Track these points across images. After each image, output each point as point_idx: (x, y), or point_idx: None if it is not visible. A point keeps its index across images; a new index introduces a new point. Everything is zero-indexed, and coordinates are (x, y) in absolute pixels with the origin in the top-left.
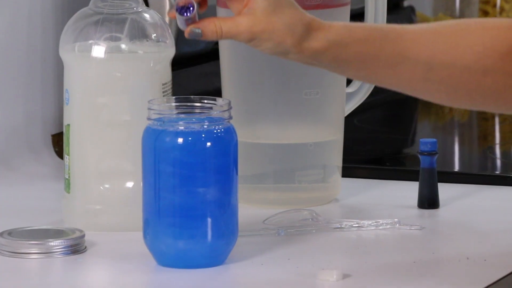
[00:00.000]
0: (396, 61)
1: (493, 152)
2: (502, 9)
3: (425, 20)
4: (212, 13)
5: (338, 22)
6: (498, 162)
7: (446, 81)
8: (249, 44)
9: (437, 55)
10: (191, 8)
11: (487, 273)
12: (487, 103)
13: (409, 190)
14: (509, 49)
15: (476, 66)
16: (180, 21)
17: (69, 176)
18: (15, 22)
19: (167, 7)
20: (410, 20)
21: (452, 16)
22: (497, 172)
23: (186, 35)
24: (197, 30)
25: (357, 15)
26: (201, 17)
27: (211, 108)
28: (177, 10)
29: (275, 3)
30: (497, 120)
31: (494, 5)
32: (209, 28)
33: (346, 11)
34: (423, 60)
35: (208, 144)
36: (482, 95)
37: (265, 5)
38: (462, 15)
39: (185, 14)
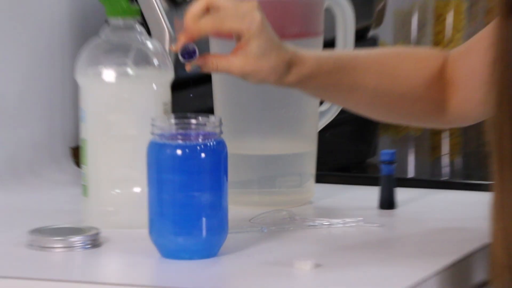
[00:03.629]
0: (350, 89)
1: (442, 162)
2: (451, 40)
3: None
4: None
5: (311, 54)
6: (447, 169)
7: (385, 106)
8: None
9: (382, 85)
10: (194, 53)
11: (436, 261)
12: (412, 122)
13: (371, 194)
14: (432, 77)
15: (409, 94)
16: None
17: (86, 183)
18: (38, 51)
19: (167, 37)
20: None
21: (410, 44)
22: (446, 178)
23: (187, 69)
24: (196, 66)
25: (330, 43)
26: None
27: (205, 124)
28: (182, 55)
29: (264, 49)
30: (445, 134)
31: (444, 36)
32: (207, 66)
33: (320, 40)
34: (371, 88)
35: (203, 155)
36: (410, 117)
37: (257, 51)
38: (418, 43)
39: (187, 58)
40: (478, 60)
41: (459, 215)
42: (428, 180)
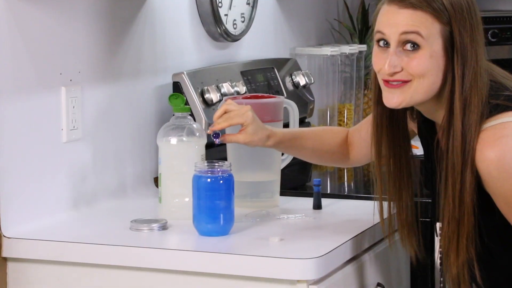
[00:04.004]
0: (299, 148)
1: (345, 185)
2: (346, 124)
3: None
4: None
5: (279, 130)
6: (346, 188)
7: (317, 157)
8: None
9: (315, 146)
10: (219, 135)
11: (345, 236)
12: (331, 164)
13: (309, 201)
14: (341, 141)
15: (330, 150)
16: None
17: (160, 196)
18: (139, 127)
19: (204, 122)
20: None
21: (327, 125)
22: (346, 193)
23: (215, 142)
24: (221, 140)
25: (286, 125)
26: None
27: (222, 166)
28: (212, 135)
29: (255, 130)
30: (345, 170)
31: (344, 122)
32: (225, 139)
33: (281, 123)
34: (310, 148)
35: (221, 182)
36: (330, 162)
37: (251, 131)
38: (331, 125)
39: (216, 138)
40: (364, 133)
41: (355, 212)
42: (337, 194)
